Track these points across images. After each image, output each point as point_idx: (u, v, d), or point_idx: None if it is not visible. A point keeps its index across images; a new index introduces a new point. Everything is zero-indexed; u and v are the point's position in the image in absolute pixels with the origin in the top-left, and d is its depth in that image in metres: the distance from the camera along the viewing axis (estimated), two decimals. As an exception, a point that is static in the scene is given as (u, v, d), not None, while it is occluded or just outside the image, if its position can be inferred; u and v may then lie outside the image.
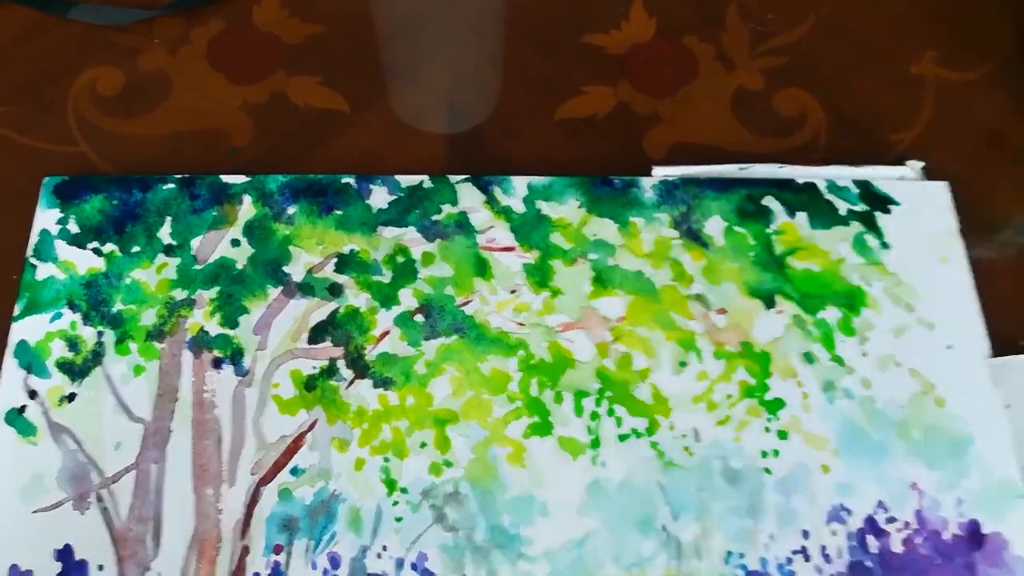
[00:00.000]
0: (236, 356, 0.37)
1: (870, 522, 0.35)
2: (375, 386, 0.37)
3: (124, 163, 0.42)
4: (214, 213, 0.40)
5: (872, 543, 0.35)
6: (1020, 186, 0.44)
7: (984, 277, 0.41)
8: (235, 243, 0.39)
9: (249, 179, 0.41)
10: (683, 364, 0.38)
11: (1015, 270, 0.42)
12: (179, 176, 0.41)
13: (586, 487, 0.35)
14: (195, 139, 0.43)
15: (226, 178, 0.41)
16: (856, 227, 0.41)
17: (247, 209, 0.40)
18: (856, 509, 0.35)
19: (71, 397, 0.36)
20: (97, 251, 0.39)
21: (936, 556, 0.35)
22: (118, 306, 0.38)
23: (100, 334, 0.37)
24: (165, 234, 0.39)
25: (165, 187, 0.40)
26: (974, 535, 0.35)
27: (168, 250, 0.39)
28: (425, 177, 0.41)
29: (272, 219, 0.40)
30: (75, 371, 0.37)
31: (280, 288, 0.38)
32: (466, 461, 0.35)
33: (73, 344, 0.37)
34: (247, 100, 0.44)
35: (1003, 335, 0.40)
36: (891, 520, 0.35)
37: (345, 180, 0.41)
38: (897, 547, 0.35)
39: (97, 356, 0.37)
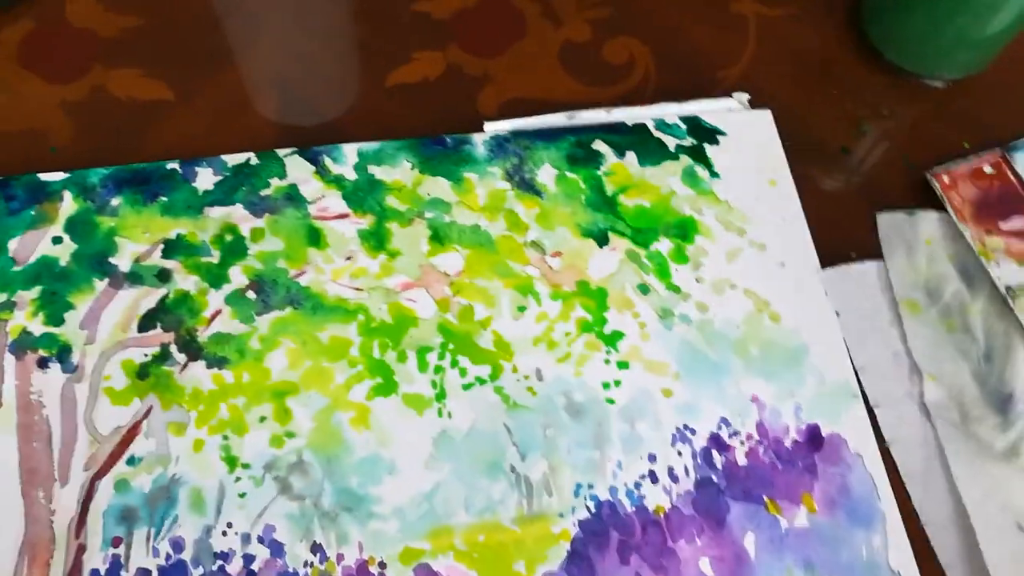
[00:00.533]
0: (63, 353, 0.36)
1: (714, 439, 0.36)
2: (209, 366, 0.36)
3: (-61, 175, 0.41)
4: (32, 213, 0.39)
5: (717, 458, 0.35)
6: (838, 107, 0.46)
7: (811, 195, 0.42)
8: (57, 240, 0.38)
9: (69, 175, 0.40)
10: (522, 309, 0.38)
11: (839, 186, 0.44)
12: (-7, 180, 0.39)
13: (433, 440, 0.35)
14: (10, 142, 0.42)
15: (44, 176, 0.39)
16: (686, 161, 0.42)
17: (68, 205, 0.39)
18: (700, 428, 0.36)
19: None
20: (-90, 265, 0.38)
21: (779, 462, 0.36)
22: (-64, 318, 0.36)
23: (-82, 349, 0.36)
24: (-20, 239, 0.38)
25: (-21, 192, 0.39)
26: (813, 438, 0.36)
27: (-15, 255, 0.38)
28: (251, 154, 0.40)
29: (95, 212, 0.39)
30: None
31: (107, 280, 0.37)
32: (308, 430, 0.35)
33: None
34: (65, 99, 0.43)
35: (832, 248, 0.41)
36: (734, 434, 0.36)
37: (171, 166, 0.40)
38: (741, 459, 0.35)
39: (-84, 372, 0.35)
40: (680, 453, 0.35)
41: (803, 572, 0.33)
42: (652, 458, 0.35)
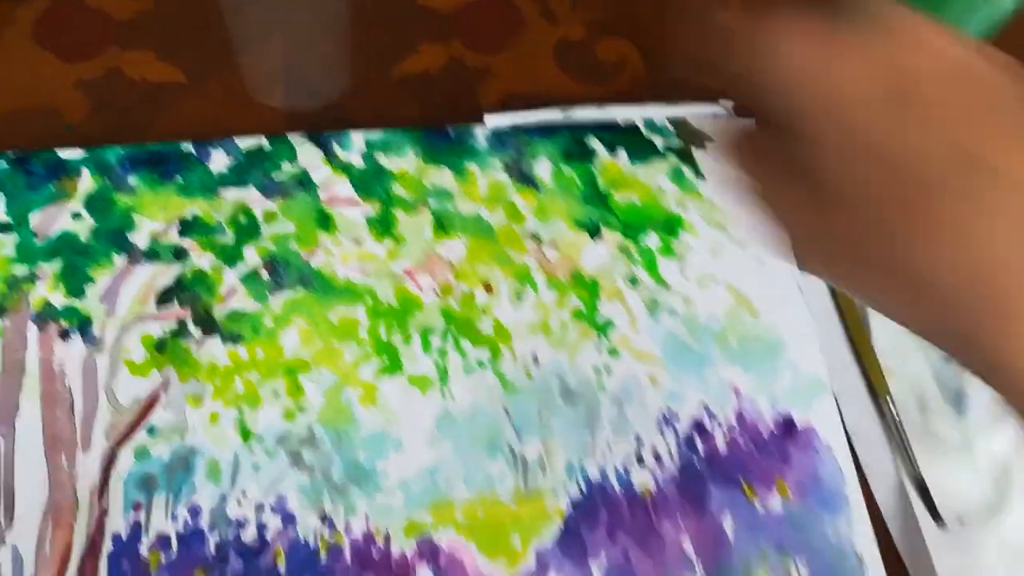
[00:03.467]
0: (84, 325, 0.37)
1: (696, 425, 0.39)
2: (224, 342, 0.38)
3: (-48, 146, 0.42)
4: (52, 188, 0.40)
5: (699, 443, 0.38)
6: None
7: (791, 199, 0.45)
8: (76, 216, 0.39)
9: (87, 152, 0.41)
10: (520, 296, 0.40)
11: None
12: (11, 154, 0.41)
13: (436, 419, 0.37)
14: (27, 118, 0.43)
15: (62, 152, 0.41)
16: (673, 160, 0.44)
17: (87, 182, 0.40)
18: (683, 414, 0.39)
19: (-87, 382, 0.36)
20: (-71, 235, 0.39)
21: (755, 450, 0.38)
22: (-44, 288, 0.38)
23: (-61, 317, 0.37)
24: (0, 212, 0.39)
25: (-3, 166, 0.40)
26: (787, 427, 0.39)
27: (4, 228, 0.39)
28: (263, 138, 0.42)
29: (113, 190, 0.40)
30: (-85, 356, 0.37)
31: (126, 256, 0.39)
32: (319, 406, 0.37)
33: (-89, 329, 0.37)
34: (81, 77, 0.44)
35: (810, 249, 0.44)
36: (715, 421, 0.39)
37: (185, 148, 0.41)
38: (721, 445, 0.38)
39: (-63, 339, 0.37)
40: (665, 438, 0.38)
41: (776, 554, 0.37)
42: (640, 441, 0.38)
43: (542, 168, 0.43)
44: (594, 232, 0.42)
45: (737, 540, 0.36)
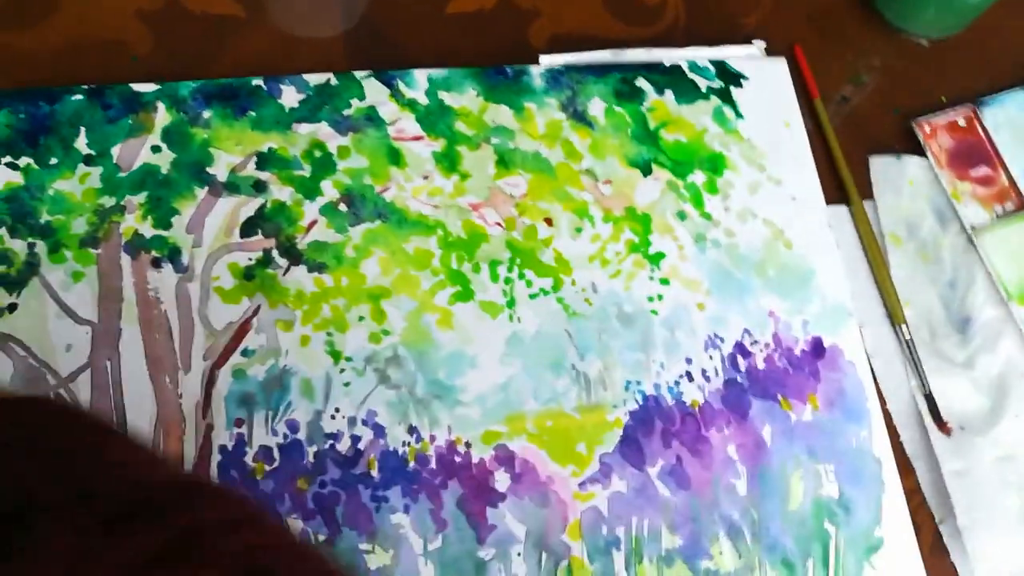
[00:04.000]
0: (174, 254, 0.40)
1: (738, 346, 0.43)
2: (310, 271, 0.40)
3: (19, 77, 0.42)
4: (129, 122, 0.41)
5: (741, 362, 0.42)
6: (841, 60, 0.52)
7: (814, 137, 0.49)
8: (155, 149, 0.41)
9: (160, 86, 0.42)
10: (579, 230, 0.43)
11: (842, 129, 0.50)
12: (86, 87, 0.42)
13: (506, 340, 0.41)
14: (92, 50, 0.43)
15: (136, 86, 0.42)
16: (715, 101, 0.47)
17: (162, 116, 0.42)
18: (727, 337, 0.43)
19: (11, 308, 0.38)
20: (12, 165, 0.40)
21: (790, 367, 0.43)
22: (45, 217, 0.39)
23: (31, 245, 0.39)
24: (82, 144, 0.41)
25: (73, 98, 0.41)
26: (817, 348, 0.44)
27: (88, 160, 0.40)
28: (331, 75, 0.44)
29: (188, 124, 0.42)
30: (11, 282, 0.38)
31: (206, 188, 0.41)
32: (401, 329, 0.40)
33: (4, 257, 0.39)
34: (141, 8, 0.45)
35: (834, 187, 0.48)
36: (754, 343, 0.43)
37: (255, 82, 0.43)
38: (760, 364, 0.43)
39: (31, 266, 0.39)
40: (711, 357, 0.42)
41: (808, 457, 0.41)
42: (688, 361, 0.42)
43: (595, 107, 0.45)
44: (646, 170, 0.45)
45: (775, 447, 0.41)
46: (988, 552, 0.42)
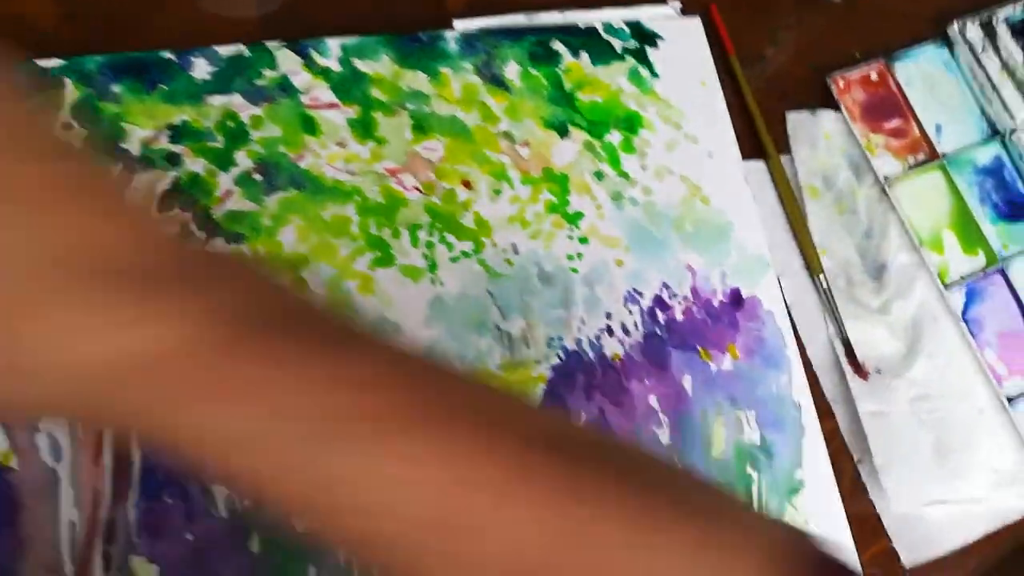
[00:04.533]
0: (86, 230, 0.39)
1: (657, 300, 0.44)
2: (228, 241, 0.40)
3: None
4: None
5: (660, 315, 0.43)
6: (756, 17, 0.53)
7: (733, 95, 0.49)
8: (66, 127, 0.41)
9: (66, 61, 0.41)
10: (498, 192, 0.44)
11: (760, 87, 0.51)
12: (-12, 64, 0.41)
13: (428, 303, 0.41)
14: (-4, 26, 0.43)
15: (41, 62, 0.41)
16: (631, 61, 0.48)
17: (70, 91, 0.41)
18: (646, 291, 0.44)
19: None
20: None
21: (709, 319, 0.44)
22: (-49, 198, 0.39)
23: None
24: (-14, 122, 0.40)
25: (-24, 76, 0.40)
26: (736, 299, 0.45)
27: (-7, 138, 0.40)
28: (243, 46, 0.43)
29: (97, 98, 0.41)
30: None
31: (120, 164, 0.40)
32: (321, 296, 0.40)
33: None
34: (44, -17, 0.44)
35: (753, 143, 0.49)
36: (673, 296, 0.44)
37: (166, 55, 0.43)
38: (679, 316, 0.44)
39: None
40: (631, 311, 0.43)
41: (729, 405, 0.42)
42: (608, 316, 0.43)
43: (511, 70, 0.46)
44: (562, 131, 0.45)
45: (695, 395, 0.42)
46: (903, 487, 0.44)
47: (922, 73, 0.54)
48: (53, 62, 0.41)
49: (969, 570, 0.44)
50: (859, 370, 0.46)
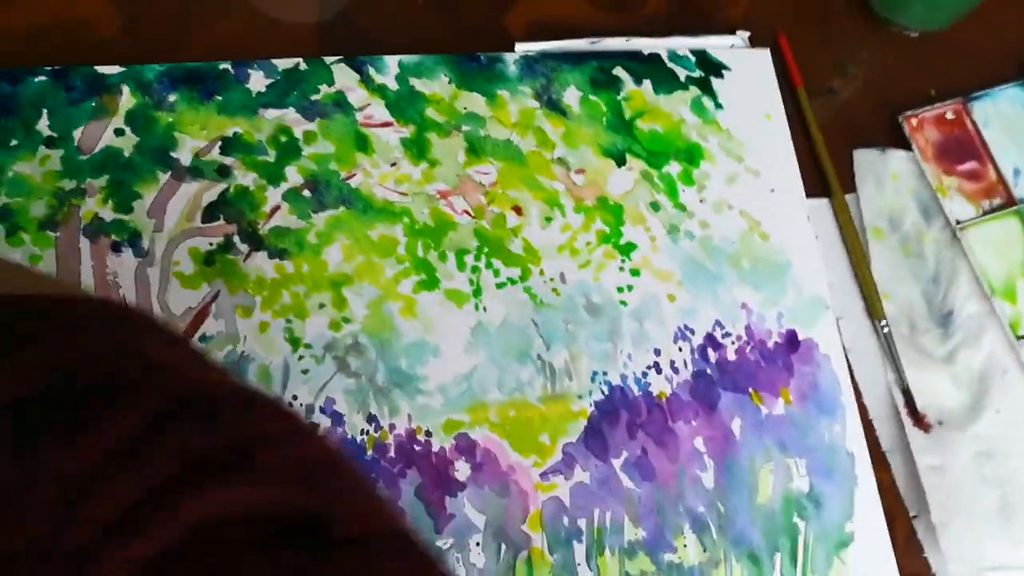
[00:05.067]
0: (134, 239, 0.39)
1: (709, 338, 0.42)
2: (271, 257, 0.40)
3: (-14, 59, 0.42)
4: (93, 104, 0.41)
5: (711, 354, 0.42)
6: (826, 50, 0.51)
7: (798, 130, 0.48)
8: (119, 132, 0.41)
9: (125, 69, 0.42)
10: (549, 219, 0.43)
11: (823, 123, 0.49)
12: (49, 68, 0.41)
13: (471, 329, 0.40)
14: (57, 30, 0.43)
15: (101, 69, 0.42)
16: (694, 91, 0.46)
17: (127, 99, 0.41)
18: (698, 328, 0.42)
19: (-29, 289, 0.38)
20: (-25, 147, 0.40)
21: (762, 360, 0.42)
22: (3, 199, 0.39)
23: (-10, 227, 0.39)
24: (43, 126, 0.40)
25: (36, 80, 0.41)
26: (791, 341, 0.43)
27: (49, 142, 0.40)
28: (300, 60, 0.43)
29: (153, 108, 0.41)
30: (-29, 265, 0.38)
31: (169, 173, 0.40)
32: (362, 316, 0.39)
33: (-36, 239, 0.38)
34: (110, -10, 0.45)
35: (817, 180, 0.47)
36: (726, 335, 0.42)
37: (223, 66, 0.42)
38: (731, 356, 0.42)
39: (-10, 249, 0.38)
40: (680, 349, 0.41)
41: (778, 451, 0.40)
42: (657, 352, 0.41)
43: (570, 96, 0.45)
44: (620, 160, 0.44)
45: (744, 439, 0.40)
46: (963, 548, 0.41)
47: (1001, 114, 0.52)
48: (113, 69, 0.42)
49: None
50: (919, 421, 0.43)
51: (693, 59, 0.47)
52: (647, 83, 0.46)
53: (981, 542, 0.42)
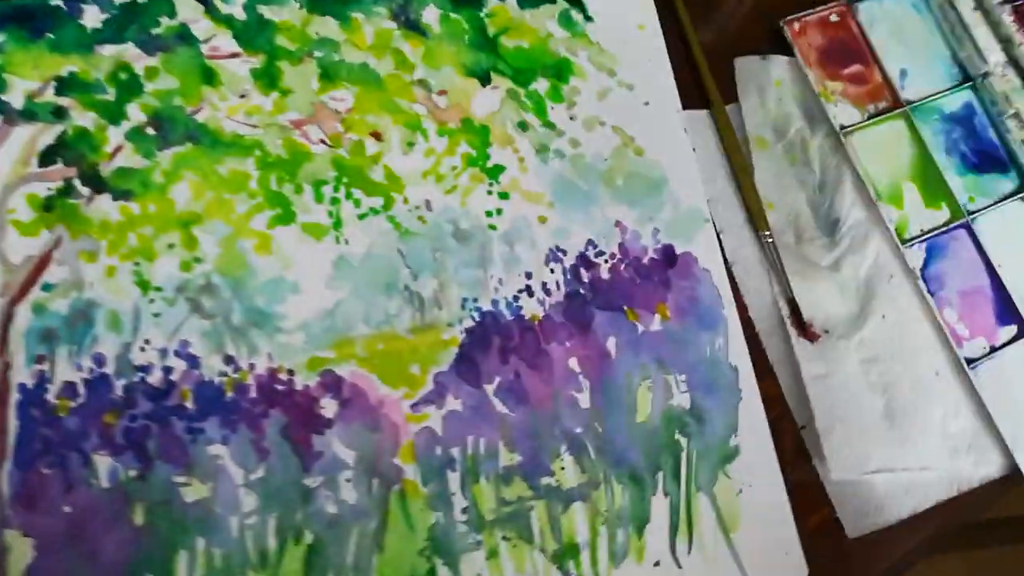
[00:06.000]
0: (-35, 188, 0.37)
1: (582, 257, 0.41)
2: (115, 199, 0.38)
3: None
4: (-87, 49, 0.38)
5: (584, 274, 0.41)
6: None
7: (679, 40, 0.46)
8: (-58, 77, 0.38)
9: (-54, 10, 0.39)
10: (411, 144, 0.41)
11: (708, 33, 0.47)
12: None
13: (332, 263, 0.39)
14: None
15: (-81, 11, 0.39)
16: (562, 4, 0.45)
17: (-50, 41, 0.39)
18: (570, 249, 0.41)
19: None
20: None
21: (637, 277, 0.41)
22: None
23: None
24: None
25: None
26: (668, 256, 0.42)
27: None
28: (138, -8, 0.41)
29: (-20, 49, 0.39)
30: None
31: (1, 117, 0.38)
32: (215, 256, 0.38)
33: None
34: (-68, -71, 0.42)
35: (697, 91, 0.46)
36: (599, 254, 0.41)
37: (54, 2, 0.40)
38: (605, 275, 0.41)
39: None
40: (552, 271, 0.40)
41: (656, 368, 0.40)
42: (528, 275, 0.40)
43: (429, 14, 0.43)
44: (484, 79, 0.42)
45: (620, 357, 0.39)
46: (847, 453, 0.41)
47: (887, 15, 0.50)
48: (-66, 11, 0.39)
49: (920, 541, 0.42)
50: (805, 331, 0.43)
51: (563, -28, 0.45)
52: (512, -2, 0.44)
53: (866, 447, 0.41)
